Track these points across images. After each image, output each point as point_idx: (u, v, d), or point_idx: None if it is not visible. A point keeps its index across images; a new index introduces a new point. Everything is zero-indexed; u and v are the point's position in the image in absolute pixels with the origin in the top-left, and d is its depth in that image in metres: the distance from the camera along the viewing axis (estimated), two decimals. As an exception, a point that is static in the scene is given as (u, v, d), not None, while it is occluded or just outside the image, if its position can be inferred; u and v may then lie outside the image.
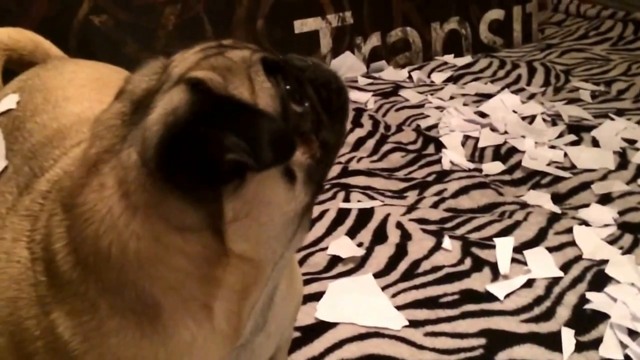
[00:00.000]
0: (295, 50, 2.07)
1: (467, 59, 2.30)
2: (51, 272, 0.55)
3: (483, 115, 1.84)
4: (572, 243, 1.30)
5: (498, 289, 1.18)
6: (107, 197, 0.52)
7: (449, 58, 2.31)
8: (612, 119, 1.78)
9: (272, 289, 0.63)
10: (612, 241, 1.31)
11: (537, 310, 1.13)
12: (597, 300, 1.15)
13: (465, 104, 1.92)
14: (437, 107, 1.91)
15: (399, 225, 1.33)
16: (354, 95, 1.95)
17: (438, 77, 2.15)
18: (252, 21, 1.91)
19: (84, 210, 0.53)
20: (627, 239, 1.31)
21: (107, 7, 1.68)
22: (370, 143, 1.71)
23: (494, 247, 1.27)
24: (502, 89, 2.03)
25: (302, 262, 1.23)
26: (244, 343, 0.62)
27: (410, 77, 2.16)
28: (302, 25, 2.02)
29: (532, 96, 1.99)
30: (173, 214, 0.51)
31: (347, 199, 1.41)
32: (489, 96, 1.95)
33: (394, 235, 1.31)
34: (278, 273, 0.62)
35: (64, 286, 0.54)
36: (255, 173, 0.52)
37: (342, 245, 1.27)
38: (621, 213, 1.38)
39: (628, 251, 1.27)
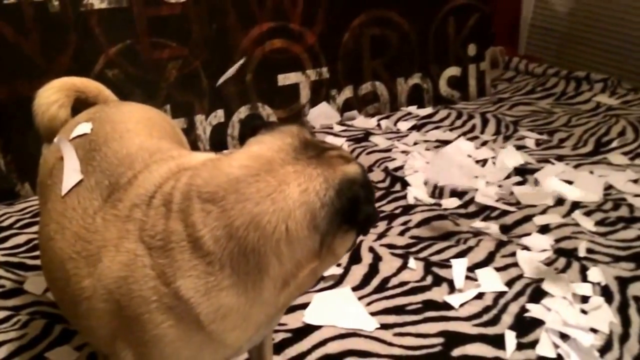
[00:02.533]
0: (279, 100, 2.25)
1: (428, 110, 2.42)
2: (177, 253, 0.74)
3: (442, 158, 1.98)
4: (516, 264, 1.47)
5: (454, 299, 1.35)
6: (285, 190, 0.74)
7: (413, 109, 2.42)
8: (553, 164, 1.95)
9: None
10: (549, 263, 1.48)
11: (485, 317, 1.31)
12: (534, 310, 1.32)
13: (427, 149, 2.06)
14: (403, 152, 2.04)
15: (371, 249, 1.51)
16: (329, 140, 2.09)
17: (403, 126, 2.27)
18: (242, 75, 2.05)
19: (255, 196, 0.74)
20: (561, 261, 1.49)
21: (119, 62, 1.83)
22: (345, 181, 1.88)
23: (451, 266, 1.44)
24: (459, 136, 2.17)
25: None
26: None
27: (379, 125, 2.28)
28: (285, 79, 2.15)
29: (484, 143, 2.14)
30: (319, 216, 0.75)
31: (326, 228, 1.60)
32: (447, 142, 2.09)
33: (367, 258, 1.48)
34: None
35: (199, 258, 0.74)
36: (357, 229, 0.80)
37: (323, 266, 1.46)
38: (557, 241, 1.56)
39: (562, 271, 1.45)
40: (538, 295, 1.38)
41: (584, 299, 1.37)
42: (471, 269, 1.45)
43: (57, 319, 1.27)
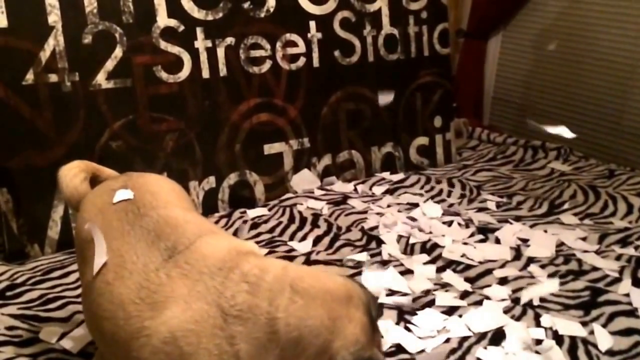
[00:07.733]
0: (265, 167, 2.42)
1: (400, 175, 2.56)
2: (251, 324, 0.89)
3: (413, 219, 2.13)
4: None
5: (425, 343, 1.48)
6: (347, 328, 0.89)
7: (386, 175, 2.55)
8: (511, 224, 2.10)
9: None
10: (507, 311, 1.61)
11: (452, 358, 1.44)
12: (495, 351, 1.46)
13: (399, 211, 2.19)
14: (378, 213, 2.17)
15: (351, 300, 1.67)
16: (311, 203, 2.25)
17: (378, 190, 2.41)
18: (231, 145, 2.22)
19: (328, 321, 0.89)
20: (518, 309, 1.62)
21: (122, 135, 2.00)
22: (326, 240, 1.98)
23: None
24: (428, 199, 2.31)
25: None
26: None
27: (355, 189, 2.41)
28: (270, 148, 2.31)
29: (450, 205, 2.28)
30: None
31: (310, 282, 1.74)
32: (417, 205, 2.25)
33: (347, 307, 1.64)
34: None
35: (265, 333, 0.89)
36: None
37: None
38: (514, 291, 1.70)
39: (518, 319, 1.58)
40: (498, 338, 1.51)
41: (538, 342, 1.50)
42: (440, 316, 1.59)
43: (71, 365, 1.41)
